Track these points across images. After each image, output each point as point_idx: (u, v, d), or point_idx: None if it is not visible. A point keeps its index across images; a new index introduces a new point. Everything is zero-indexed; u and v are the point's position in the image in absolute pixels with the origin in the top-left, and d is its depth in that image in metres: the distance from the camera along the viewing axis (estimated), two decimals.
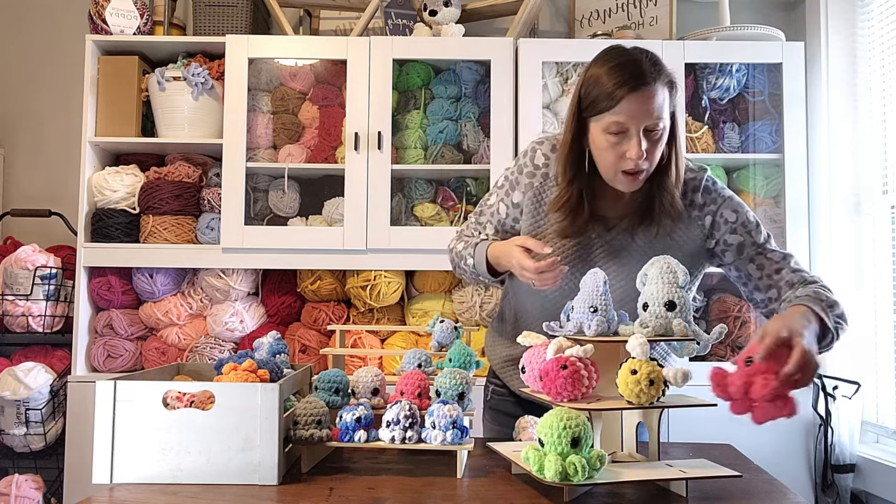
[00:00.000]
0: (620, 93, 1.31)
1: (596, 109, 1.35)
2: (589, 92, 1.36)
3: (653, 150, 1.35)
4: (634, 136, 1.33)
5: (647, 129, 1.33)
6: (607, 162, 1.38)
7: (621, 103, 1.32)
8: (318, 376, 1.39)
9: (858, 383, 2.42)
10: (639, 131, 1.33)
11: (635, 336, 1.20)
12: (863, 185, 2.57)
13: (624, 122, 1.32)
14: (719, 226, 1.47)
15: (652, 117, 1.33)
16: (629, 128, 1.33)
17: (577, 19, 2.98)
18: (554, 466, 1.07)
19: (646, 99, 1.32)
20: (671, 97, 1.37)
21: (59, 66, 3.05)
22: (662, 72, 1.35)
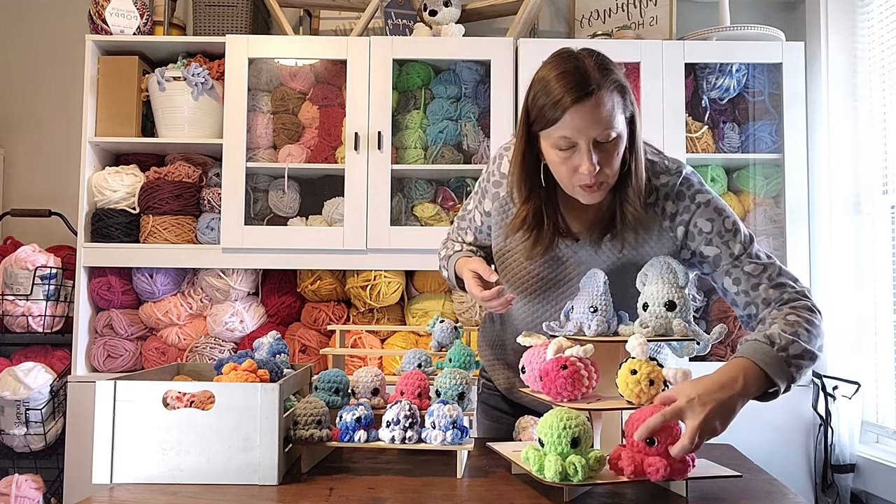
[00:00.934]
0: (564, 104, 1.21)
1: (542, 123, 1.26)
2: (535, 104, 1.27)
3: (608, 160, 1.25)
4: (584, 149, 1.23)
5: (597, 140, 1.23)
6: (562, 176, 1.30)
7: (565, 116, 1.21)
8: (318, 376, 1.39)
9: (858, 383, 2.42)
10: (588, 144, 1.23)
11: (635, 336, 1.20)
12: (863, 185, 2.57)
13: (571, 137, 1.23)
14: (693, 236, 1.35)
15: (601, 128, 1.22)
16: (577, 142, 1.23)
17: (577, 19, 2.98)
18: (554, 466, 1.07)
19: (591, 109, 1.21)
20: (624, 101, 1.26)
21: (59, 66, 3.05)
22: (608, 77, 1.24)
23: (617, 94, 1.25)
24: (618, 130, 1.25)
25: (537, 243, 1.37)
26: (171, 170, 2.64)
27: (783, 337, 1.19)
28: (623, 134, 1.27)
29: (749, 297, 1.33)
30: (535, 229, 1.36)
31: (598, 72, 1.24)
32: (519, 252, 1.43)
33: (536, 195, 1.35)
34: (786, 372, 1.18)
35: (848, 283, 2.53)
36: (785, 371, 1.18)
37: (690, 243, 1.36)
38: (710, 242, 1.34)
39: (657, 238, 1.36)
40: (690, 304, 1.30)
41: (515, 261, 1.45)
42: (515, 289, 1.46)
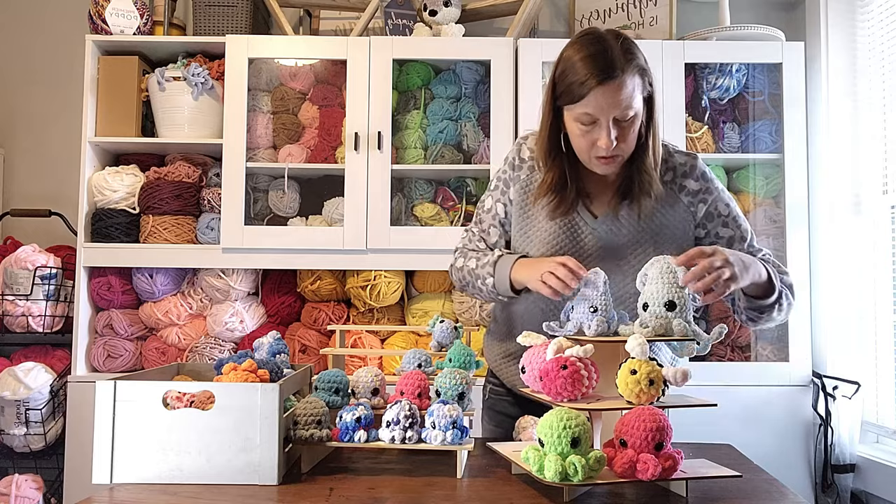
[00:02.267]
0: (589, 85, 1.32)
1: (567, 99, 1.37)
2: (562, 80, 1.38)
3: (625, 135, 1.37)
4: (604, 126, 1.35)
5: (616, 118, 1.35)
6: (581, 148, 1.41)
7: (589, 96, 1.33)
8: (318, 376, 1.39)
9: (858, 383, 2.42)
10: (608, 121, 1.35)
11: (634, 336, 1.20)
12: (863, 186, 2.57)
13: (593, 114, 1.35)
14: (712, 217, 1.48)
15: (620, 108, 1.34)
16: (598, 118, 1.35)
17: (577, 19, 2.98)
18: (554, 466, 1.07)
19: (614, 91, 1.33)
20: (643, 82, 1.38)
21: (59, 66, 3.05)
22: (632, 61, 1.35)
23: (638, 77, 1.36)
24: (636, 110, 1.37)
25: (561, 203, 1.46)
26: (171, 170, 2.64)
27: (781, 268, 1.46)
28: (640, 112, 1.39)
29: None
30: (560, 191, 1.46)
31: (622, 56, 1.34)
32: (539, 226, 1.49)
33: (560, 161, 1.46)
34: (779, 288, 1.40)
35: (848, 283, 2.53)
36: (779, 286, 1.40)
37: (708, 223, 1.49)
38: (727, 225, 1.48)
39: (674, 211, 1.47)
40: (690, 304, 1.31)
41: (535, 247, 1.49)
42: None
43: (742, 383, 2.51)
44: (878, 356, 2.49)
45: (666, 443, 1.12)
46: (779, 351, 2.60)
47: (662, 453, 1.11)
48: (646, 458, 1.09)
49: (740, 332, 2.62)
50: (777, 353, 2.60)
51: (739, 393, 2.48)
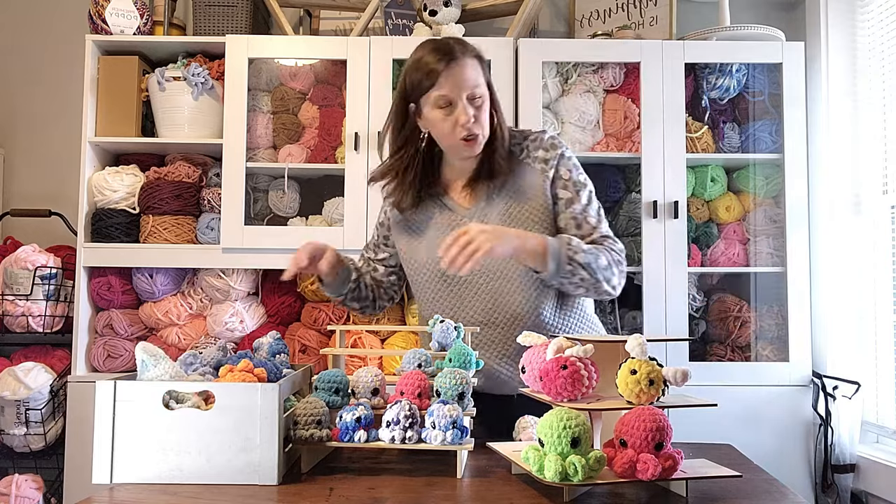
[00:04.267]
0: (438, 69, 1.51)
1: (420, 91, 1.54)
2: (412, 76, 1.56)
3: (479, 115, 1.54)
4: (461, 104, 1.52)
5: (469, 97, 1.52)
6: (444, 133, 1.55)
7: (440, 79, 1.51)
8: (318, 376, 1.39)
9: (858, 383, 2.42)
10: (463, 100, 1.52)
11: (635, 336, 1.20)
12: (863, 186, 2.57)
13: (447, 94, 1.52)
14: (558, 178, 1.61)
15: (469, 85, 1.52)
16: (453, 98, 1.52)
17: (577, 19, 2.98)
18: (554, 466, 1.07)
19: (460, 71, 1.51)
20: (482, 68, 1.56)
21: (59, 66, 3.05)
22: (467, 47, 1.55)
23: (477, 62, 1.56)
24: (482, 91, 1.54)
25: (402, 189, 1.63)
26: (171, 170, 2.64)
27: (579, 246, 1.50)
28: (486, 94, 1.56)
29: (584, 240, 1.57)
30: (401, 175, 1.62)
31: (458, 44, 1.55)
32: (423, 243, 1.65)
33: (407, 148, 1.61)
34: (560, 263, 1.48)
35: (848, 283, 2.53)
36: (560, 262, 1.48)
37: (556, 185, 1.61)
38: (566, 187, 1.61)
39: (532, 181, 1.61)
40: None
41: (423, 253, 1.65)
42: (428, 281, 1.65)
43: (742, 383, 2.51)
44: (878, 356, 2.49)
45: (666, 443, 1.12)
46: (779, 351, 2.60)
47: (662, 453, 1.11)
48: (646, 458, 1.09)
49: (740, 333, 2.62)
50: (777, 353, 2.60)
51: (739, 393, 2.48)
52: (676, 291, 2.51)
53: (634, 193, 2.63)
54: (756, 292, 2.66)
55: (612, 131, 2.66)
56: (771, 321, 2.63)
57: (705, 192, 2.66)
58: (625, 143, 2.65)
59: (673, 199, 2.53)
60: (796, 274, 2.54)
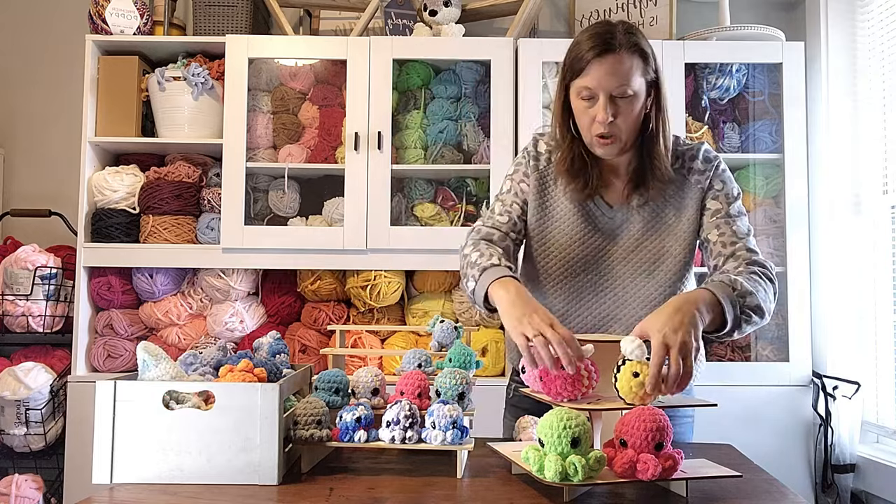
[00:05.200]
0: (587, 58, 1.39)
1: (571, 74, 1.43)
2: (568, 56, 1.45)
3: (623, 115, 1.40)
4: (602, 100, 1.39)
5: (614, 94, 1.39)
6: (583, 126, 1.45)
7: (588, 68, 1.39)
8: (318, 376, 1.39)
9: (858, 383, 2.42)
10: (605, 96, 1.39)
11: (630, 338, 1.20)
12: (863, 185, 2.57)
13: (591, 87, 1.40)
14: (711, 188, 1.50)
15: (617, 83, 1.38)
16: (597, 93, 1.40)
17: (577, 19, 2.98)
18: (554, 467, 1.07)
19: (611, 65, 1.38)
20: (645, 66, 1.42)
21: (59, 66, 3.05)
22: (631, 40, 1.40)
23: (637, 58, 1.41)
24: (634, 89, 1.40)
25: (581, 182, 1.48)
26: (171, 170, 2.64)
27: (744, 287, 1.32)
28: (640, 94, 1.42)
29: (724, 249, 1.45)
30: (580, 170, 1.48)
31: (622, 35, 1.40)
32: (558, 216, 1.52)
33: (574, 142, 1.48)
34: (737, 316, 1.30)
35: (848, 283, 2.53)
36: (736, 314, 1.30)
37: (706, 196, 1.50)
38: (717, 198, 1.49)
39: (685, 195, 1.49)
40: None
41: (554, 233, 1.52)
42: (556, 267, 1.52)
43: (742, 383, 2.51)
44: (878, 356, 2.49)
45: (666, 443, 1.12)
46: (779, 351, 2.60)
47: (662, 453, 1.11)
48: (646, 458, 1.09)
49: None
50: (777, 353, 2.60)
51: (739, 393, 2.48)
52: None
53: None
54: None
55: None
56: (771, 321, 2.63)
57: None
58: None
59: None
60: (796, 274, 2.54)
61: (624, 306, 1.50)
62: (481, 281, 1.38)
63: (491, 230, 1.51)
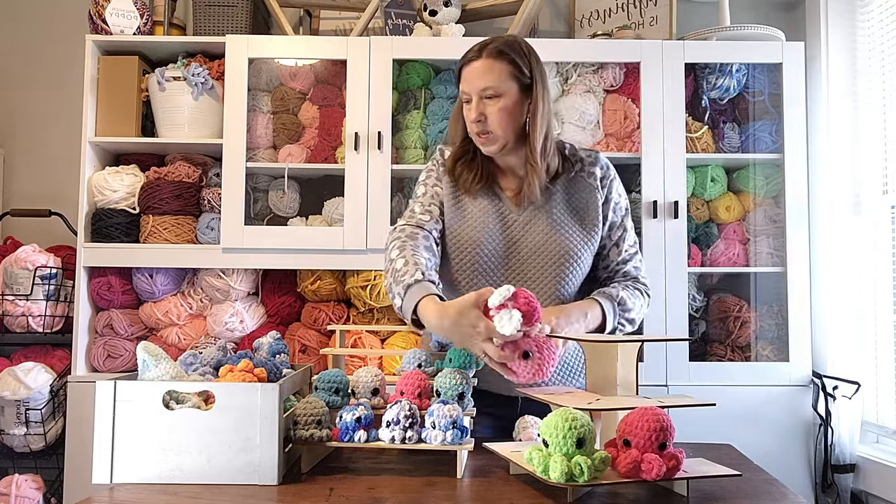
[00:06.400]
0: (461, 63, 1.58)
1: (457, 82, 1.61)
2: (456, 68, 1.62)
3: (492, 114, 1.53)
4: (474, 101, 1.55)
5: (483, 95, 1.54)
6: (468, 126, 1.59)
7: (462, 74, 1.58)
8: (318, 376, 1.39)
9: (858, 383, 2.42)
10: (476, 97, 1.54)
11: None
12: (863, 185, 2.57)
13: (466, 91, 1.56)
14: (608, 201, 1.64)
15: (482, 84, 1.53)
16: (470, 95, 1.55)
17: (577, 19, 2.98)
18: (560, 467, 1.07)
19: (477, 69, 1.54)
20: (516, 70, 1.54)
21: (59, 66, 3.05)
22: (498, 48, 1.54)
23: (505, 63, 1.54)
24: (500, 90, 1.53)
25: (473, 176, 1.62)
26: (171, 170, 2.64)
27: (626, 302, 1.56)
28: (510, 95, 1.54)
29: (617, 266, 1.65)
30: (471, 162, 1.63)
31: (494, 44, 1.55)
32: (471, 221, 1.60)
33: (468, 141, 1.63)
34: (614, 326, 1.54)
35: (848, 283, 2.53)
36: (614, 325, 1.54)
37: (605, 207, 1.64)
38: (615, 211, 1.65)
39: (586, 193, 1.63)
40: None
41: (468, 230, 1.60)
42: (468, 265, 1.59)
43: (742, 383, 2.51)
44: (878, 356, 2.49)
45: (669, 443, 1.12)
46: (779, 351, 2.60)
47: (665, 453, 1.11)
48: (650, 458, 1.09)
49: (740, 332, 2.62)
50: (777, 353, 2.60)
51: (739, 393, 2.48)
52: (676, 291, 2.51)
53: (634, 193, 2.63)
54: (756, 292, 2.66)
55: (612, 131, 2.66)
56: (771, 321, 2.63)
57: (705, 192, 2.66)
58: (625, 143, 2.65)
59: (673, 199, 2.53)
60: (796, 274, 2.54)
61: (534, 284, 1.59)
62: (406, 301, 1.38)
63: (416, 229, 1.56)
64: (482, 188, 1.62)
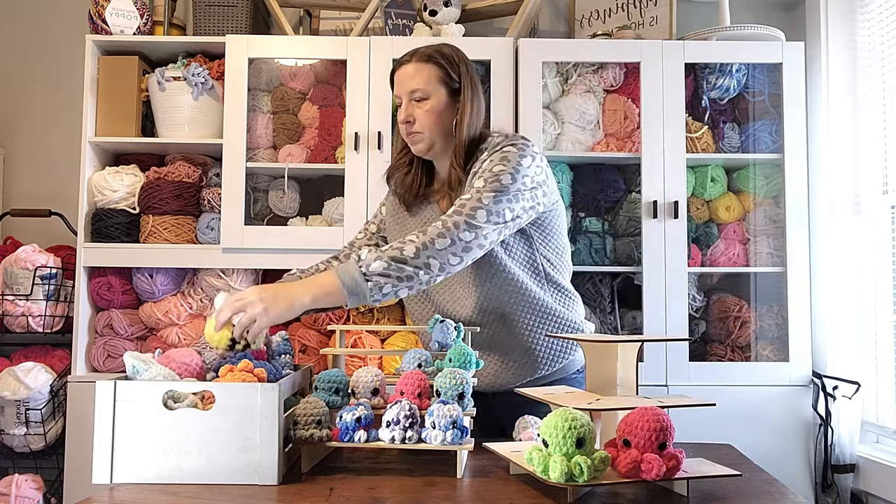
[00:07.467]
0: (392, 69, 1.66)
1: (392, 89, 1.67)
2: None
3: (420, 115, 1.59)
4: (404, 103, 1.62)
5: (412, 97, 1.60)
6: (401, 130, 1.64)
7: (394, 79, 1.65)
8: (318, 376, 1.39)
9: (858, 383, 2.42)
10: (405, 98, 1.61)
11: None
12: (863, 185, 2.57)
13: (397, 94, 1.64)
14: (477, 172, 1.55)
15: (410, 87, 1.60)
16: (400, 97, 1.63)
17: (577, 19, 2.98)
18: (560, 467, 1.07)
19: (405, 72, 1.62)
20: (445, 75, 1.60)
21: (59, 66, 3.05)
22: (427, 53, 1.61)
23: (433, 66, 1.60)
24: (427, 92, 1.59)
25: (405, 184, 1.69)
26: (171, 170, 2.64)
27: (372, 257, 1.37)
28: (437, 97, 1.59)
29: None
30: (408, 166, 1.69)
31: (426, 49, 1.62)
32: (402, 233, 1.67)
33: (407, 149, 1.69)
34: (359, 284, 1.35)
35: (848, 283, 2.53)
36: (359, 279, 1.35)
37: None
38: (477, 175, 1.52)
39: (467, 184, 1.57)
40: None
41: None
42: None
43: (742, 383, 2.51)
44: (878, 356, 2.49)
45: (669, 443, 1.12)
46: (779, 351, 2.60)
47: (665, 453, 1.11)
48: (650, 458, 1.09)
49: (740, 333, 2.62)
50: (777, 353, 2.60)
51: (739, 393, 2.48)
52: (676, 291, 2.51)
53: (634, 193, 2.63)
54: (756, 292, 2.66)
55: (612, 131, 2.66)
56: (771, 321, 2.63)
57: (705, 192, 2.66)
58: (625, 143, 2.65)
59: (673, 199, 2.53)
60: (796, 274, 2.54)
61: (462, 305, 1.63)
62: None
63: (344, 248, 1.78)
64: (419, 200, 1.69)
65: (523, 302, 1.61)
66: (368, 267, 1.35)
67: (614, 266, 2.63)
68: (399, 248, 1.38)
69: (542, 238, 1.63)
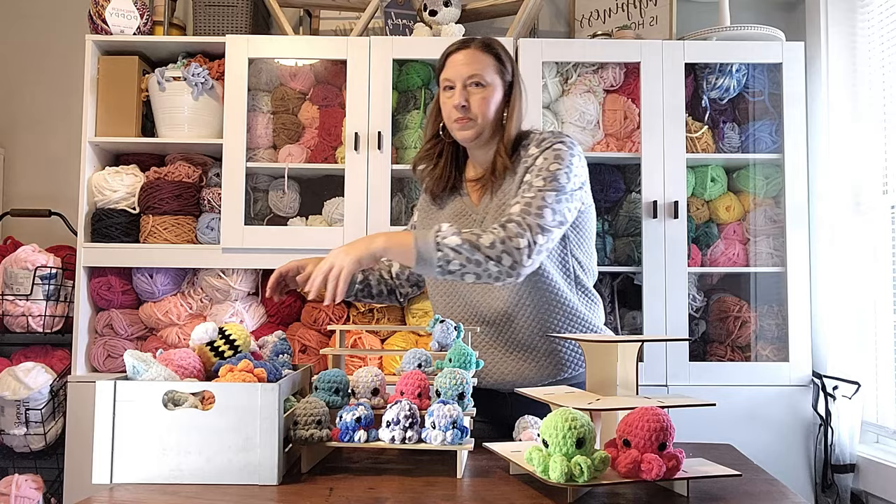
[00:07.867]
0: (447, 52, 1.64)
1: (438, 72, 1.65)
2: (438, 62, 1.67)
3: (476, 102, 1.58)
4: (458, 88, 1.59)
5: (468, 83, 1.58)
6: (445, 115, 1.63)
7: (446, 63, 1.62)
8: (318, 376, 1.39)
9: (858, 383, 2.43)
10: (460, 84, 1.59)
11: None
12: (863, 185, 2.57)
13: (449, 78, 1.61)
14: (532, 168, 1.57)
15: (469, 72, 1.58)
16: (454, 82, 1.60)
17: (577, 19, 2.98)
18: (560, 467, 1.07)
19: (461, 57, 1.60)
20: (499, 66, 1.61)
21: (59, 66, 3.05)
22: (487, 44, 1.62)
23: (491, 57, 1.61)
24: (486, 80, 1.59)
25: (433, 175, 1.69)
26: (171, 170, 2.64)
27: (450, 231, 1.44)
28: (494, 87, 1.60)
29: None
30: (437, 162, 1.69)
31: (484, 38, 1.64)
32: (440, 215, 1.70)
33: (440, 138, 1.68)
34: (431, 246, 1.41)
35: (848, 283, 2.53)
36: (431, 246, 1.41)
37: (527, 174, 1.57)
38: (530, 171, 1.56)
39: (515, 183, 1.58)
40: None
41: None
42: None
43: (742, 383, 2.51)
44: (878, 356, 2.49)
45: (668, 443, 1.12)
46: (779, 351, 2.60)
47: (665, 453, 1.11)
48: (650, 458, 1.09)
49: (740, 333, 2.62)
50: (777, 353, 2.60)
51: (739, 393, 2.49)
52: (676, 291, 2.51)
53: (634, 193, 2.63)
54: (756, 292, 2.66)
55: (612, 131, 2.66)
56: (771, 321, 2.63)
57: (705, 192, 2.66)
58: (625, 143, 2.65)
59: (673, 199, 2.53)
60: (796, 274, 2.54)
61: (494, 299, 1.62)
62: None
63: None
64: (448, 192, 1.70)
65: (554, 301, 1.61)
66: (444, 238, 1.42)
67: (614, 266, 2.63)
68: (477, 235, 1.44)
69: (577, 239, 1.64)
